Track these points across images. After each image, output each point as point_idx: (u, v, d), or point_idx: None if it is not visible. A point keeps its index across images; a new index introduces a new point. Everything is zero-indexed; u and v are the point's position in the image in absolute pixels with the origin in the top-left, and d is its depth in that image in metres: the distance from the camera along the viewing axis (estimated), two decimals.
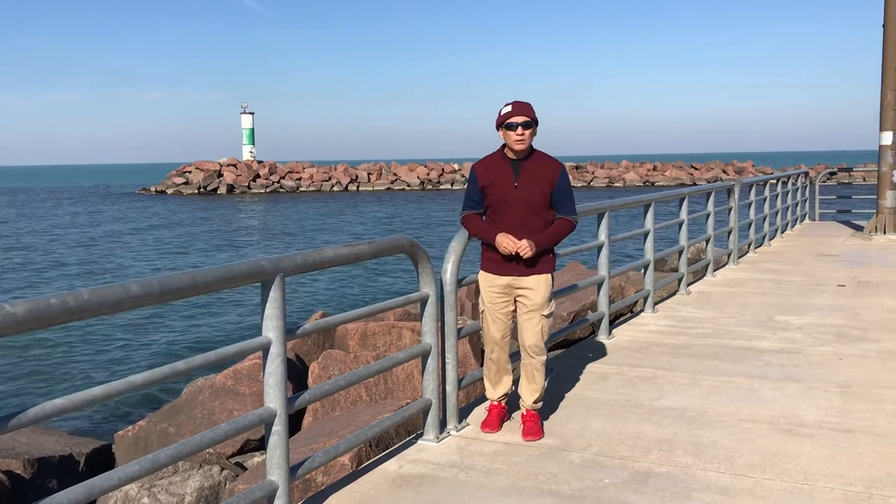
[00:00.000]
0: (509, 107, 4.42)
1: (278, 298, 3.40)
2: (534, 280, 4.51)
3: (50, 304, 2.49)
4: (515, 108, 4.40)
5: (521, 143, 4.38)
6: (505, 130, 4.42)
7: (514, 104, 4.43)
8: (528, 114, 4.39)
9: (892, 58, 14.23)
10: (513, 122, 4.37)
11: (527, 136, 4.39)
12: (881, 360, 6.32)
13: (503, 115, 4.41)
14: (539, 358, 4.61)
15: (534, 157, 4.50)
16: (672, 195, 9.35)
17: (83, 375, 12.53)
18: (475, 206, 4.55)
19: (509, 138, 4.41)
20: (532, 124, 4.39)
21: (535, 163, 4.48)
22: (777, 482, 3.98)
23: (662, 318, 8.07)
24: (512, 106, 4.42)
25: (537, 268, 4.51)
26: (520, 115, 4.37)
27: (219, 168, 73.82)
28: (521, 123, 4.36)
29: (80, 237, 35.67)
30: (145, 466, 2.84)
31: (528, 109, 4.41)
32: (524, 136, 4.38)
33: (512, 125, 4.37)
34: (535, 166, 4.46)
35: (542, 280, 4.52)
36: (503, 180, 4.45)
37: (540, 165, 4.47)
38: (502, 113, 4.42)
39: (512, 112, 4.39)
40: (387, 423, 4.37)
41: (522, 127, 4.36)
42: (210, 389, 7.78)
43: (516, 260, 4.47)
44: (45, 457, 6.95)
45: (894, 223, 14.84)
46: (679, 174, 71.34)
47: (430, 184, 72.63)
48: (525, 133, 4.37)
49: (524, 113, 4.38)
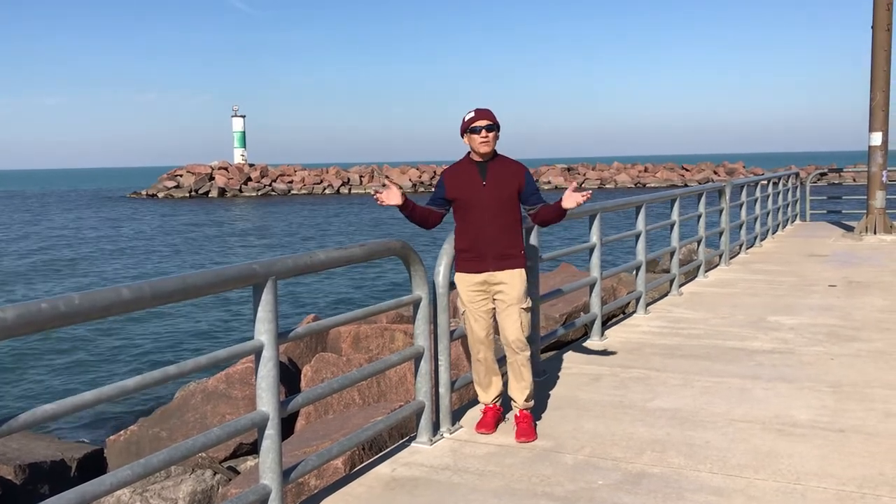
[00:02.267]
0: (472, 113, 4.67)
1: (270, 302, 3.39)
2: (508, 274, 4.65)
3: (41, 309, 2.48)
4: (478, 113, 4.65)
5: (485, 144, 4.62)
6: (470, 135, 4.65)
7: (476, 111, 4.68)
8: (490, 118, 4.65)
9: (881, 60, 14.31)
10: (477, 125, 4.62)
11: (490, 139, 4.63)
12: (872, 360, 6.34)
13: (467, 121, 4.65)
14: (523, 353, 4.67)
15: (498, 158, 4.73)
16: (663, 196, 9.38)
17: (74, 380, 12.47)
18: (433, 203, 4.74)
19: (474, 142, 4.64)
20: (494, 127, 4.64)
21: (501, 164, 4.71)
22: (770, 482, 3.99)
23: (654, 319, 8.09)
24: (475, 112, 4.66)
25: (510, 262, 4.66)
26: (483, 119, 4.62)
27: (210, 171, 73.64)
28: (485, 126, 4.61)
29: (71, 241, 35.53)
30: (137, 471, 2.83)
31: (490, 114, 4.67)
32: (488, 138, 4.61)
33: (476, 129, 4.62)
34: (500, 167, 4.70)
35: (516, 274, 4.67)
36: (471, 181, 4.66)
37: (505, 166, 4.71)
38: (466, 119, 4.67)
39: (475, 117, 4.64)
40: (380, 426, 4.36)
41: (486, 130, 4.61)
42: (202, 393, 7.75)
43: (491, 256, 4.63)
44: (36, 462, 6.91)
45: (884, 223, 14.91)
46: (670, 175, 71.50)
47: (422, 186, 72.62)
48: (489, 135, 4.62)
49: (486, 117, 4.64)
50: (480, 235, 4.62)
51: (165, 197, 71.87)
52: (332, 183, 73.42)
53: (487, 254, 4.63)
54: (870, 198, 15.03)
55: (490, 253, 4.62)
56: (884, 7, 14.17)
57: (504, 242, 4.63)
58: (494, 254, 4.62)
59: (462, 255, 4.71)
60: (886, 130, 14.65)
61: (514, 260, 4.67)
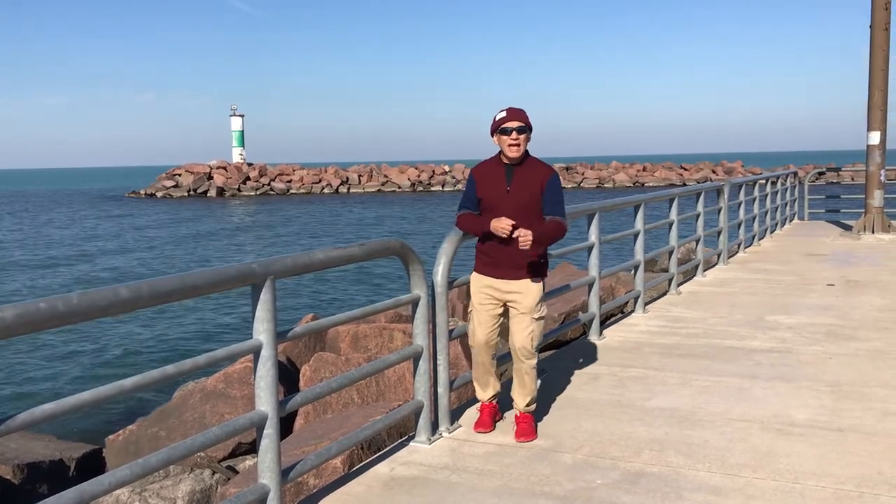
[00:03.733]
0: (504, 112, 4.47)
1: (269, 301, 3.39)
2: (524, 284, 4.54)
3: (39, 309, 2.48)
4: (510, 113, 4.45)
5: (515, 148, 4.43)
6: (499, 136, 4.47)
7: (508, 110, 4.47)
8: (522, 119, 4.45)
9: (879, 59, 14.32)
10: (507, 127, 4.43)
11: (521, 141, 4.43)
12: (871, 359, 6.35)
13: (497, 121, 4.47)
14: (529, 362, 4.63)
15: (527, 162, 4.54)
16: (662, 196, 9.38)
17: (73, 380, 12.47)
18: (470, 206, 4.60)
19: (503, 143, 4.46)
20: (526, 129, 4.45)
21: (528, 168, 4.52)
22: (768, 481, 4.00)
23: (653, 318, 8.09)
24: (506, 112, 4.47)
25: (529, 272, 4.54)
26: (514, 120, 4.43)
27: (209, 171, 73.61)
28: (516, 128, 4.42)
29: (69, 241, 35.51)
30: (136, 471, 2.83)
31: (523, 115, 4.47)
32: (518, 140, 4.42)
33: (506, 130, 4.43)
34: (527, 171, 4.50)
35: (532, 284, 4.55)
36: (496, 183, 4.50)
37: (532, 170, 4.51)
38: (497, 119, 4.48)
39: (506, 118, 4.44)
40: (379, 426, 4.36)
41: (517, 132, 4.42)
42: (201, 393, 7.75)
43: (508, 265, 4.51)
44: (34, 462, 6.91)
45: (882, 222, 14.92)
46: (669, 175, 71.52)
47: (421, 185, 72.60)
48: (519, 138, 4.42)
49: (518, 118, 4.44)
50: (500, 242, 4.47)
51: (164, 196, 71.82)
52: (331, 182, 73.39)
53: (505, 262, 4.51)
54: (868, 197, 15.04)
55: (508, 262, 4.50)
56: (882, 7, 14.18)
57: (524, 252, 4.43)
58: (512, 263, 4.50)
59: (481, 257, 4.62)
60: (884, 130, 14.67)
61: (533, 270, 4.53)
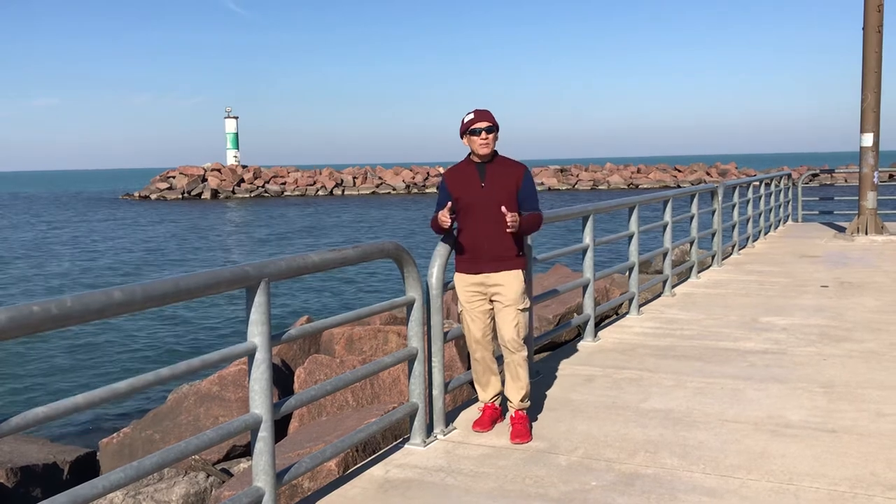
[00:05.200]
0: (472, 115, 4.67)
1: (263, 304, 3.39)
2: (504, 276, 4.67)
3: (32, 312, 2.47)
4: (478, 115, 4.66)
5: (485, 146, 4.63)
6: (469, 136, 4.67)
7: (475, 112, 4.68)
8: (490, 119, 4.66)
9: (872, 61, 14.37)
10: (476, 127, 4.63)
11: (490, 140, 4.64)
12: (864, 361, 6.37)
13: (466, 123, 4.66)
14: (520, 353, 4.68)
15: (498, 159, 4.74)
16: (656, 198, 9.39)
17: (66, 383, 12.43)
18: (439, 209, 4.72)
19: (474, 143, 4.65)
20: (494, 129, 4.66)
21: (500, 165, 4.72)
22: (763, 482, 4.00)
23: (648, 319, 8.10)
24: (474, 114, 4.67)
25: (507, 263, 4.68)
26: (482, 120, 4.63)
27: (203, 173, 73.52)
28: (485, 128, 4.62)
29: (62, 244, 35.41)
30: (130, 474, 2.82)
31: (489, 116, 4.67)
32: (488, 139, 4.63)
33: (476, 130, 4.63)
34: (500, 168, 4.70)
35: (513, 275, 4.68)
36: (470, 182, 4.68)
37: (505, 167, 4.71)
38: (465, 121, 4.67)
39: (475, 119, 4.65)
40: (373, 428, 4.36)
41: (486, 132, 4.62)
42: (195, 395, 7.74)
43: (487, 258, 4.66)
44: (28, 465, 6.89)
45: (875, 224, 14.97)
46: (663, 177, 71.67)
47: (416, 187, 72.62)
48: (489, 137, 4.63)
49: (486, 119, 4.65)
50: (478, 237, 4.65)
51: (158, 198, 71.69)
52: (326, 184, 73.36)
53: (484, 256, 4.66)
54: (861, 198, 15.08)
55: (487, 255, 4.65)
56: (874, 9, 14.24)
57: (502, 244, 4.64)
58: (491, 256, 4.65)
59: (461, 256, 4.76)
60: (877, 131, 14.71)
61: (512, 262, 4.68)
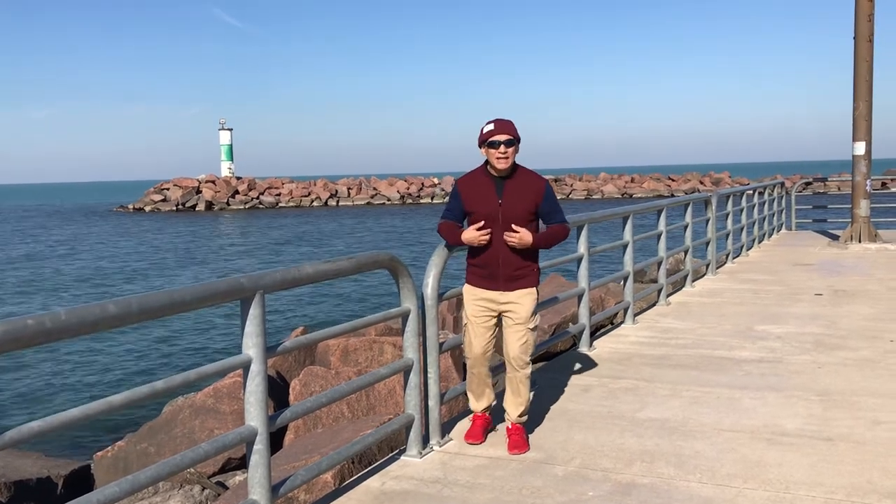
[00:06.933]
0: (491, 125, 4.39)
1: (258, 316, 3.38)
2: (518, 294, 4.52)
3: (26, 325, 2.46)
4: (498, 126, 4.37)
5: (503, 160, 4.36)
6: (487, 148, 4.40)
7: (496, 122, 4.40)
8: (511, 132, 4.36)
9: (863, 70, 14.45)
10: (495, 140, 4.34)
11: (510, 154, 4.36)
12: (859, 368, 6.38)
13: (485, 134, 4.38)
14: (523, 371, 4.62)
15: (517, 173, 4.48)
16: (650, 207, 9.42)
17: (61, 396, 12.37)
18: (453, 217, 4.56)
19: (492, 156, 4.39)
20: (514, 142, 4.37)
21: (519, 179, 4.46)
22: (759, 491, 4.00)
23: (643, 329, 8.10)
24: (494, 124, 4.39)
25: (522, 282, 4.52)
26: (502, 133, 4.35)
27: (197, 185, 73.45)
28: (504, 142, 4.34)
29: (56, 257, 35.30)
30: (125, 487, 2.81)
31: (511, 128, 4.38)
32: (507, 153, 4.35)
33: (494, 143, 4.35)
34: (518, 183, 4.45)
35: (526, 294, 4.53)
36: (486, 198, 4.43)
37: (524, 182, 4.46)
38: (484, 131, 4.39)
39: (494, 130, 4.36)
40: (369, 440, 4.35)
41: (505, 145, 4.34)
42: (190, 408, 7.71)
43: (503, 277, 4.49)
44: (22, 480, 6.85)
45: (869, 232, 15.01)
46: (657, 186, 71.82)
47: (410, 198, 72.65)
48: (508, 151, 4.35)
49: (506, 131, 4.36)
50: (493, 254, 4.45)
51: (152, 211, 71.59)
52: (320, 195, 73.35)
53: (499, 274, 4.48)
54: (854, 206, 15.13)
55: (502, 274, 4.47)
56: (865, 18, 14.32)
57: (517, 262, 4.45)
58: (506, 275, 4.47)
59: (473, 270, 4.58)
60: (870, 140, 14.78)
61: (526, 280, 4.52)
